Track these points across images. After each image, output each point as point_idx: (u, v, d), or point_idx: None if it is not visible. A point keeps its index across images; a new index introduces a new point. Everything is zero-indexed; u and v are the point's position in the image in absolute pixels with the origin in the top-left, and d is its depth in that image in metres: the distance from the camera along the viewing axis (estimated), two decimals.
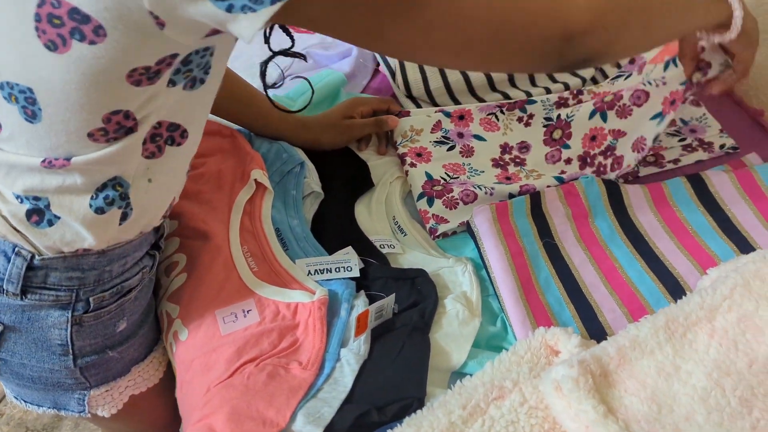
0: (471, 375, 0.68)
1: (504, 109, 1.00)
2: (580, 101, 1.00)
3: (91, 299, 0.66)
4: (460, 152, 0.96)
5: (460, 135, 0.98)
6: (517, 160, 0.97)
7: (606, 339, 0.65)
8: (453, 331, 0.73)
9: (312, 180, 0.89)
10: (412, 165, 0.93)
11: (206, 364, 0.70)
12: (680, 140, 0.99)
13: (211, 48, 0.57)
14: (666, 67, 0.95)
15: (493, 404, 0.63)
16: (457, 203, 0.88)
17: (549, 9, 0.55)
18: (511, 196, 0.89)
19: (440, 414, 0.63)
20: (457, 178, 0.92)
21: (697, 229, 0.85)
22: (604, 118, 0.97)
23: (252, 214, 0.83)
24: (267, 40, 0.65)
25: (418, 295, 0.77)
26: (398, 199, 0.90)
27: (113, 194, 0.62)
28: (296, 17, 0.49)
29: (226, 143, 0.90)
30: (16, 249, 0.62)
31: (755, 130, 1.01)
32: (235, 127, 0.93)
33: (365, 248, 0.82)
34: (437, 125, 0.98)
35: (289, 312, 0.73)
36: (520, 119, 1.00)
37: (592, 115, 0.98)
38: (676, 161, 0.96)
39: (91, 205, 0.61)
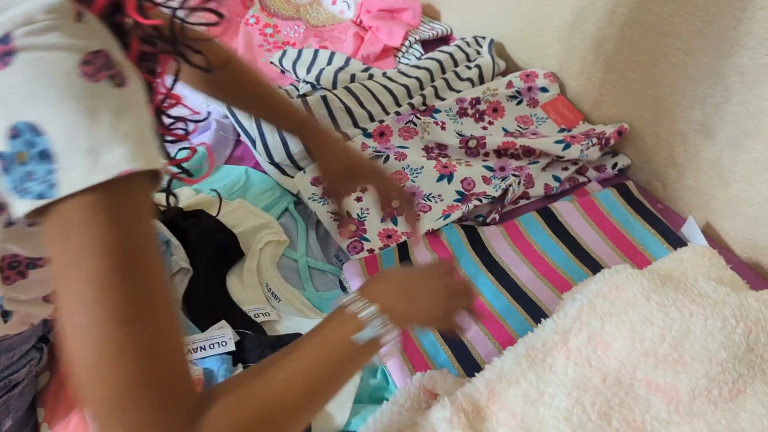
0: None
1: (418, 115, 1.08)
2: (478, 110, 1.12)
3: None
4: (395, 158, 1.02)
5: (387, 149, 1.04)
6: (442, 154, 1.06)
7: None
8: None
9: (179, 257, 0.87)
10: (363, 190, 0.98)
11: None
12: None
13: None
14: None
15: None
16: (418, 215, 0.95)
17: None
18: (460, 194, 0.99)
19: None
20: (403, 185, 0.99)
21: (552, 257, 0.91)
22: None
23: None
24: None
25: None
26: (270, 265, 0.90)
27: None
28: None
29: None
30: None
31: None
32: None
33: (239, 320, 0.81)
34: (363, 146, 1.04)
35: None
36: (435, 123, 1.08)
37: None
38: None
39: None
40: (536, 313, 0.83)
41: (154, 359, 0.44)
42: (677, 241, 0.93)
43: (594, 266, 0.90)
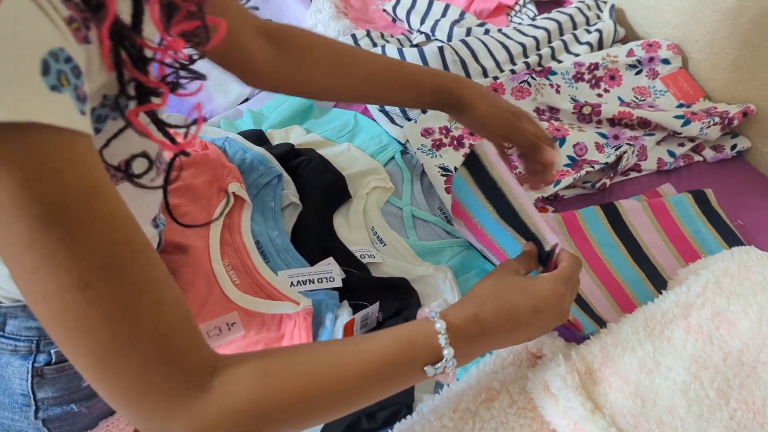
0: (457, 379, 0.69)
1: (534, 75, 1.05)
2: (595, 76, 1.09)
3: (53, 351, 0.61)
4: None
5: None
6: (554, 117, 1.04)
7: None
8: None
9: (290, 191, 0.89)
10: (472, 147, 0.96)
11: None
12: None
13: None
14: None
15: (482, 406, 0.64)
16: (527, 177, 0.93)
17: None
18: (571, 159, 0.97)
19: (432, 418, 0.63)
20: (512, 146, 0.94)
21: (608, 255, 0.87)
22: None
23: (231, 227, 0.83)
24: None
25: (401, 303, 0.78)
26: (376, 210, 0.91)
27: None
28: None
29: (199, 157, 0.90)
30: None
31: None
32: (208, 138, 0.93)
33: (346, 258, 0.82)
34: None
35: (275, 323, 0.73)
36: (550, 85, 1.05)
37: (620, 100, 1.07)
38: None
39: None
40: (584, 306, 0.80)
41: (128, 319, 0.40)
42: None
43: (651, 272, 0.85)
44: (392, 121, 1.03)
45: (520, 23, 1.21)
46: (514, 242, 0.68)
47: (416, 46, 1.10)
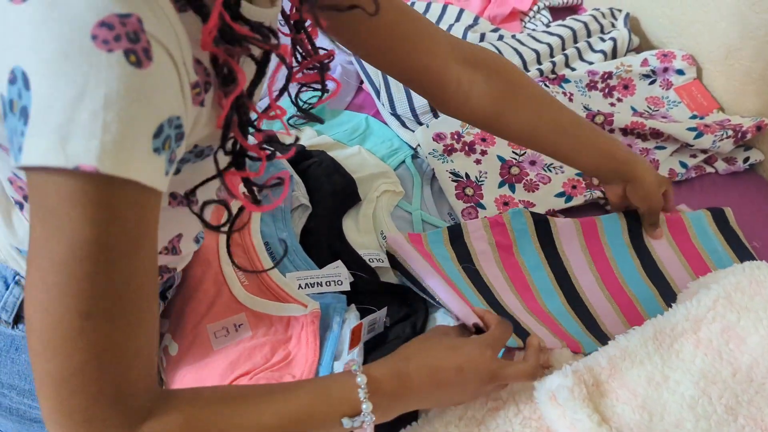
0: None
1: (547, 83, 1.05)
2: (608, 85, 1.08)
3: None
4: None
5: None
6: None
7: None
8: None
9: (300, 193, 0.89)
10: (483, 153, 0.96)
11: (198, 378, 0.70)
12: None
13: None
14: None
15: (488, 415, 0.64)
16: (537, 186, 0.93)
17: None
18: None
19: (437, 425, 0.64)
20: (524, 153, 0.97)
21: (621, 268, 0.86)
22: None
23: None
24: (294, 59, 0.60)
25: (409, 309, 0.78)
26: (385, 214, 0.91)
27: None
28: None
29: None
30: (17, 278, 0.60)
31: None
32: None
33: (354, 262, 0.82)
34: None
35: (282, 325, 0.73)
36: (563, 93, 1.05)
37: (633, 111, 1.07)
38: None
39: None
40: (590, 324, 0.79)
41: (107, 356, 0.43)
42: None
43: (663, 288, 0.83)
44: (404, 125, 1.03)
45: (534, 29, 1.21)
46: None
47: None
